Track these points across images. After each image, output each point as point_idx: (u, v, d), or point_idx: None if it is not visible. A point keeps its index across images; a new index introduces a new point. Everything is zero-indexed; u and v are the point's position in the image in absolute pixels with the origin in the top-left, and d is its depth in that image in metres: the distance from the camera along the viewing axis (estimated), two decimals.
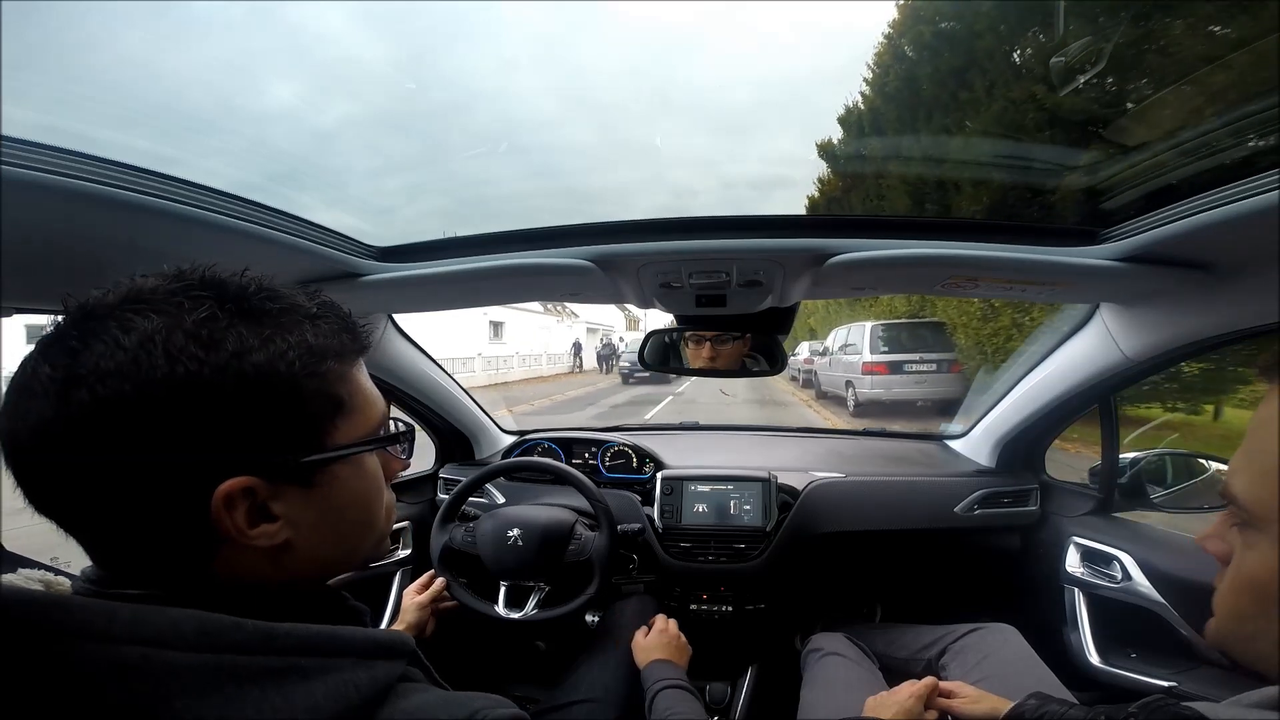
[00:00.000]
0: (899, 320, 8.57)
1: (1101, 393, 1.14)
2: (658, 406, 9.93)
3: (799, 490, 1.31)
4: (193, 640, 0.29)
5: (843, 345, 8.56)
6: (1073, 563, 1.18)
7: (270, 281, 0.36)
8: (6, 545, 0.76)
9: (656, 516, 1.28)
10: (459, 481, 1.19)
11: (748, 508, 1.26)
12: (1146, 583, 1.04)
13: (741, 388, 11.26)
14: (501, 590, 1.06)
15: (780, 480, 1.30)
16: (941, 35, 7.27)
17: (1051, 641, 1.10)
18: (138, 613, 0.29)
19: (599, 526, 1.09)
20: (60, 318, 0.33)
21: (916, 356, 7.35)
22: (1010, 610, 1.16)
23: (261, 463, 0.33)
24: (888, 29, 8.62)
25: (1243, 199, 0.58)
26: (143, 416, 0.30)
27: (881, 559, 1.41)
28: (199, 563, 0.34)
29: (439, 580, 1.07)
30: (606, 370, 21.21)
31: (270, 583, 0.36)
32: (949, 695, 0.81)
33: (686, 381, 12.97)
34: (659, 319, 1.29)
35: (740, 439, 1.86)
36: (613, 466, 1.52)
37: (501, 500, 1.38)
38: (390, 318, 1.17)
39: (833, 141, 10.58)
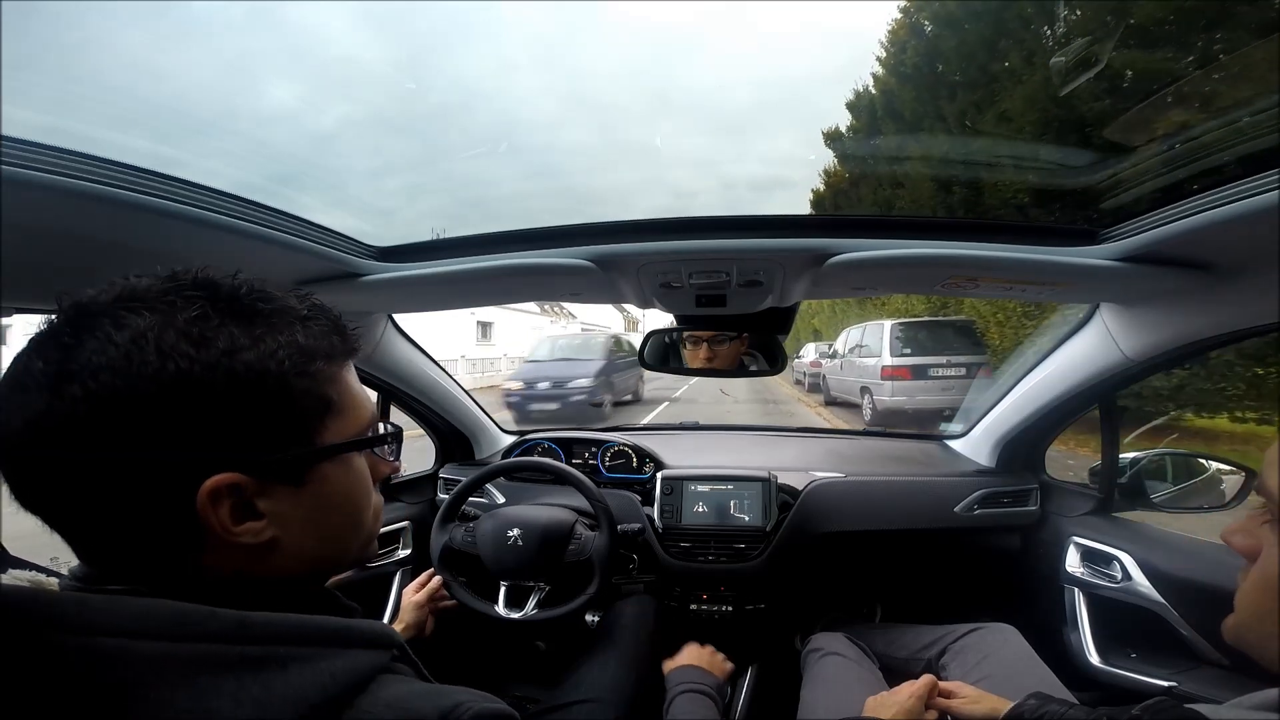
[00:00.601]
0: (921, 319, 7.62)
1: (1101, 393, 1.14)
2: (653, 413, 9.34)
3: (799, 490, 1.31)
4: (167, 629, 0.29)
5: (855, 347, 7.81)
6: (1073, 563, 1.18)
7: (263, 283, 0.37)
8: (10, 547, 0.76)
9: (656, 516, 1.28)
10: (459, 481, 1.19)
11: (748, 508, 1.26)
12: (1146, 583, 1.04)
13: (742, 388, 11.17)
14: (501, 590, 1.06)
15: (780, 480, 1.30)
16: (968, 4, 6.77)
17: (1051, 641, 1.10)
18: (112, 603, 0.29)
19: (599, 526, 1.09)
20: (54, 315, 0.33)
21: (943, 359, 6.44)
22: (1010, 610, 1.16)
23: (249, 460, 0.33)
24: (904, 2, 8.15)
25: (1243, 199, 0.58)
26: (133, 411, 0.30)
27: (881, 559, 1.41)
28: (184, 559, 0.34)
29: (436, 579, 1.08)
30: None
31: (256, 581, 0.35)
32: (949, 695, 0.81)
33: (684, 386, 12.87)
34: (657, 320, 1.29)
35: (740, 439, 1.86)
36: (613, 466, 1.52)
37: (501, 500, 1.38)
38: (390, 318, 1.17)
39: (840, 130, 10.11)
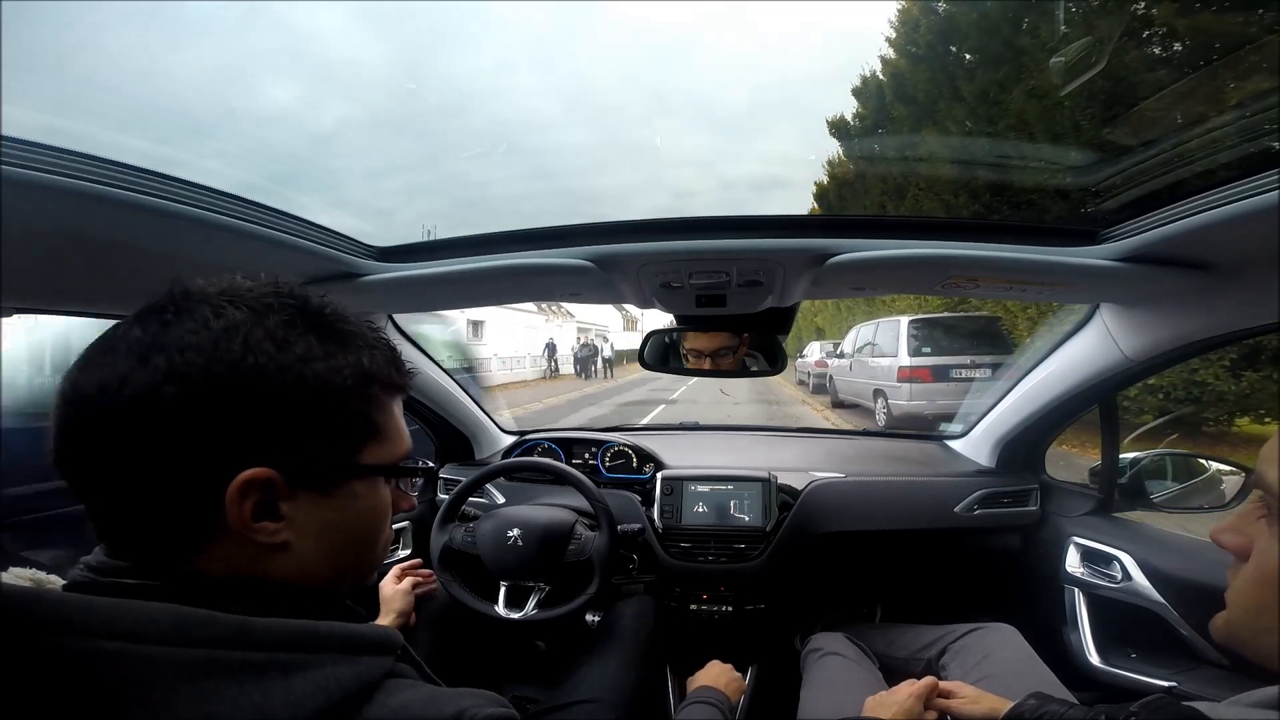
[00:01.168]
0: (940, 315, 7.01)
1: (1101, 393, 1.14)
2: (649, 415, 9.09)
3: (799, 490, 1.31)
4: (168, 633, 0.29)
5: (866, 345, 7.29)
6: (1073, 563, 1.18)
7: (342, 307, 0.40)
8: None
9: (656, 516, 1.28)
10: (459, 481, 1.19)
11: (748, 508, 1.26)
12: (1146, 583, 1.04)
13: (743, 389, 11.13)
14: (501, 590, 1.06)
15: (780, 480, 1.30)
16: None
17: (1051, 641, 1.10)
18: (116, 606, 0.29)
19: (599, 526, 1.09)
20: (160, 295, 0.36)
21: (967, 359, 5.89)
22: (1010, 610, 1.16)
23: (290, 460, 0.35)
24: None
25: (1243, 199, 0.58)
26: (204, 392, 0.32)
27: (881, 559, 1.41)
28: (191, 545, 0.34)
29: (416, 563, 1.10)
30: (586, 376, 18.97)
31: (258, 581, 0.35)
32: (948, 695, 0.81)
33: (681, 387, 12.83)
34: (657, 320, 1.29)
35: (740, 439, 1.86)
36: (613, 467, 1.52)
37: (501, 500, 1.38)
38: (390, 318, 1.17)
39: (845, 118, 9.63)
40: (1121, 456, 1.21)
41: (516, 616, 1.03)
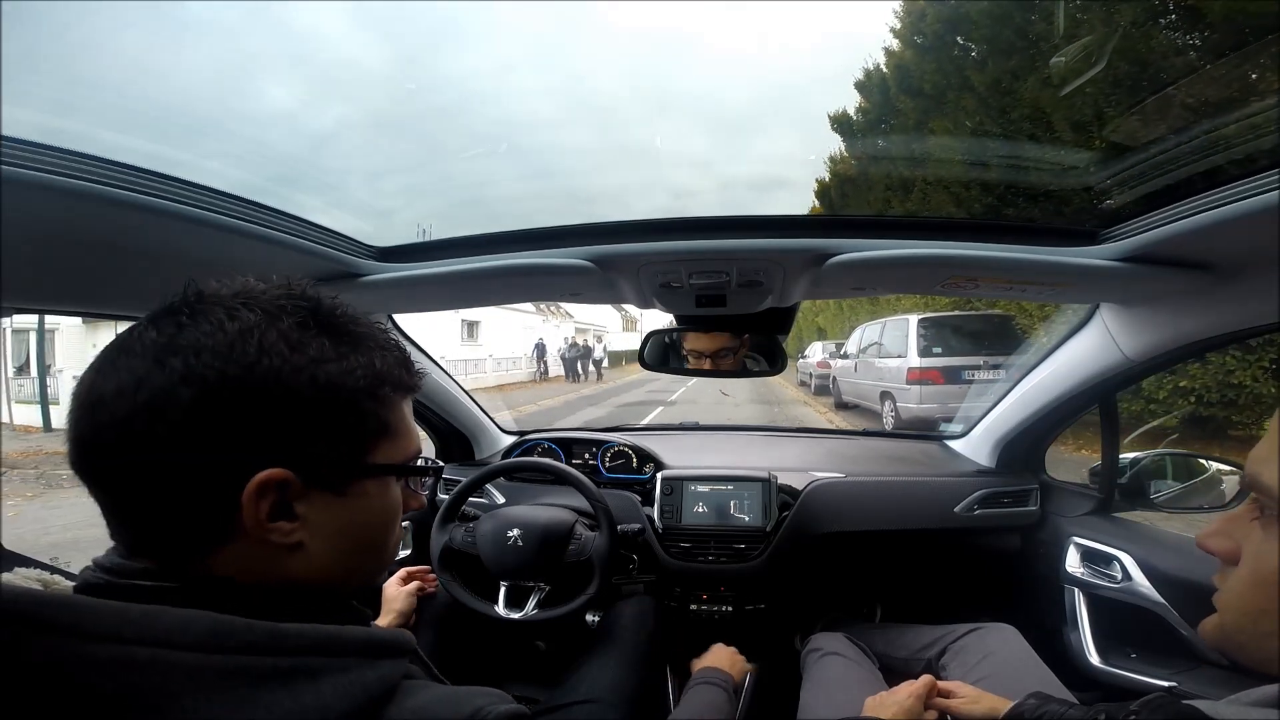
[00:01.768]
0: (950, 314, 6.65)
1: (1101, 393, 1.14)
2: (648, 417, 8.89)
3: (799, 490, 1.31)
4: (202, 640, 0.29)
5: (871, 345, 7.07)
6: (1073, 563, 1.18)
7: (354, 309, 0.40)
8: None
9: (656, 517, 1.28)
10: (459, 481, 1.19)
11: (748, 508, 1.26)
12: (1146, 583, 1.04)
13: (743, 390, 11.10)
14: (501, 590, 1.06)
15: (780, 480, 1.30)
16: None
17: (1051, 641, 1.10)
18: (148, 613, 0.29)
19: (599, 527, 1.09)
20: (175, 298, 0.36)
21: (979, 360, 5.61)
22: (1010, 610, 1.16)
23: (304, 461, 0.35)
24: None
25: (1243, 199, 0.58)
26: (219, 394, 0.33)
27: (881, 559, 1.41)
28: (204, 552, 0.34)
29: (420, 568, 1.09)
30: (575, 378, 17.70)
31: (274, 583, 0.36)
32: (948, 695, 0.81)
33: (681, 388, 12.81)
34: (656, 320, 1.29)
35: (740, 439, 1.86)
36: (613, 467, 1.52)
37: (501, 500, 1.38)
38: (390, 318, 1.17)
39: (847, 113, 9.26)
40: (1121, 456, 1.21)
41: (516, 616, 1.03)
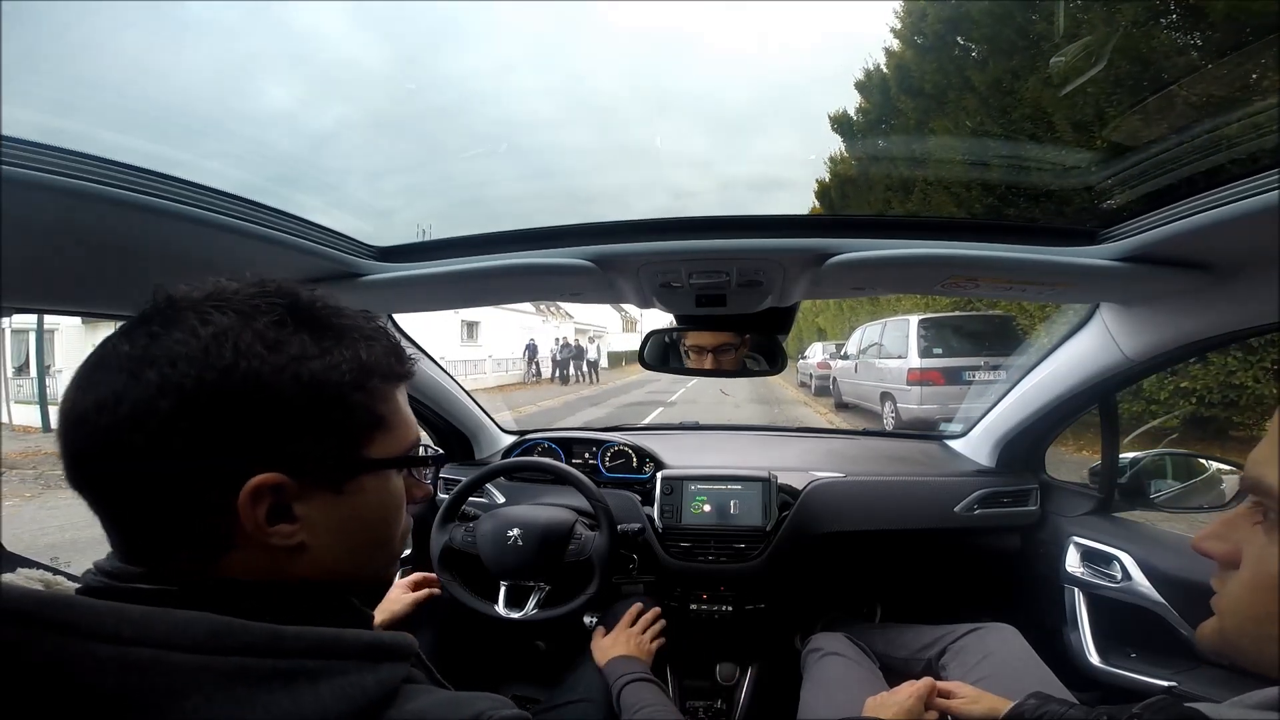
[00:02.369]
0: (951, 314, 6.71)
1: (1101, 393, 1.14)
2: (647, 418, 8.82)
3: (799, 490, 1.31)
4: (203, 642, 0.29)
5: (871, 346, 7.08)
6: (1073, 563, 1.18)
7: (335, 300, 0.39)
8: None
9: (656, 516, 1.28)
10: (459, 481, 1.19)
11: (748, 508, 1.26)
12: (1146, 583, 1.04)
13: (743, 390, 11.09)
14: (501, 590, 1.06)
15: (780, 480, 1.30)
16: None
17: (1051, 641, 1.10)
18: (148, 614, 0.29)
19: (599, 526, 1.09)
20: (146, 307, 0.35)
21: (980, 361, 5.63)
22: (1010, 610, 1.16)
23: (296, 462, 0.34)
24: None
25: (1243, 199, 0.58)
26: (200, 402, 0.32)
27: (881, 559, 1.41)
28: (211, 553, 0.34)
29: (426, 575, 1.08)
30: (567, 380, 16.83)
31: (275, 585, 0.36)
32: (948, 695, 0.81)
33: (680, 389, 12.80)
34: (656, 320, 1.29)
35: (740, 439, 1.86)
36: (613, 466, 1.52)
37: (501, 500, 1.38)
38: (390, 318, 1.17)
39: (847, 113, 9.26)
40: (1121, 456, 1.21)
41: (516, 616, 1.03)
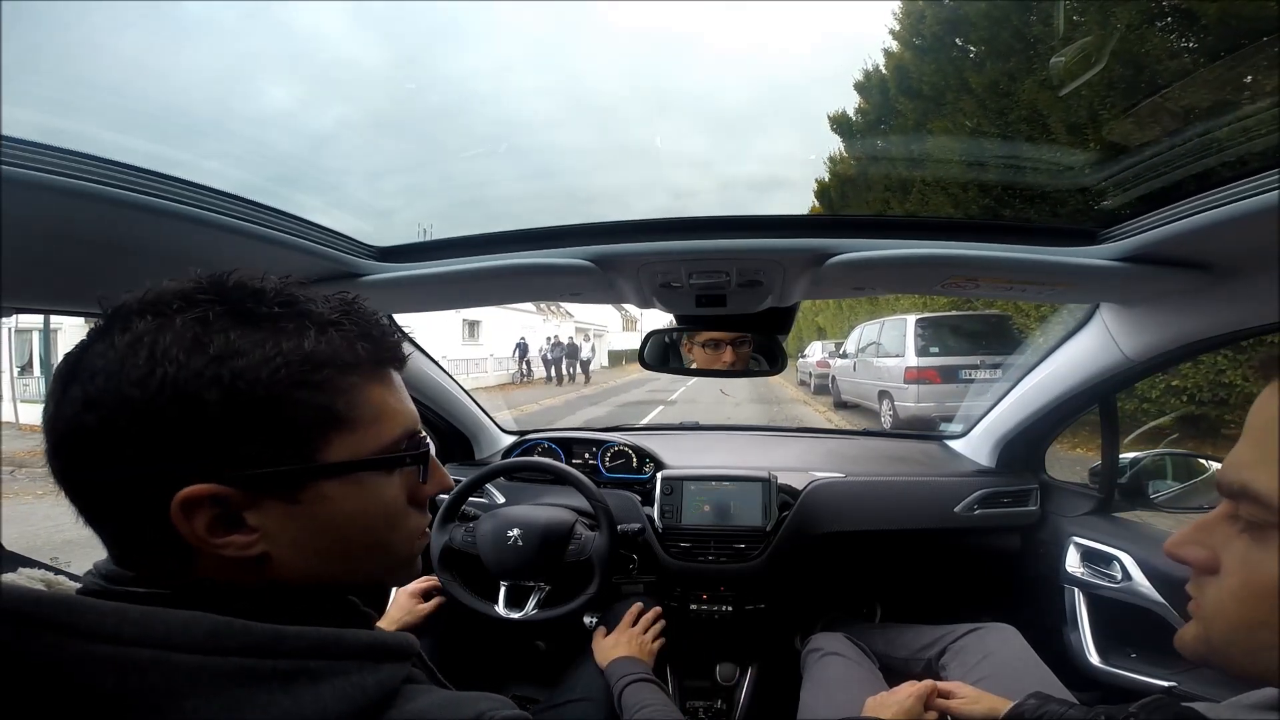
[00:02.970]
0: (948, 314, 6.80)
1: (1102, 393, 1.14)
2: (647, 417, 9.02)
3: (799, 490, 1.31)
4: (203, 642, 0.29)
5: (870, 345, 7.13)
6: (1073, 563, 1.18)
7: (292, 286, 0.36)
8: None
9: (656, 516, 1.28)
10: (459, 481, 1.19)
11: (748, 508, 1.26)
12: (1146, 583, 1.04)
13: (743, 390, 11.10)
14: (501, 590, 1.06)
15: (780, 480, 1.30)
16: None
17: (1051, 641, 1.10)
18: (148, 614, 0.29)
19: (599, 526, 1.09)
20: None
21: (976, 359, 5.68)
22: (1010, 610, 1.16)
23: (235, 471, 0.32)
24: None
25: (1243, 199, 0.58)
26: (119, 417, 0.30)
27: (881, 559, 1.41)
28: (182, 563, 0.34)
29: (438, 586, 1.09)
30: (559, 380, 16.29)
31: (269, 586, 0.35)
32: (948, 695, 0.81)
33: (680, 388, 12.82)
34: (656, 320, 1.29)
35: (740, 439, 1.86)
36: (613, 466, 1.52)
37: (501, 500, 1.38)
38: (390, 318, 1.17)
39: (847, 114, 9.33)
40: (1121, 456, 1.21)
41: (516, 616, 1.03)
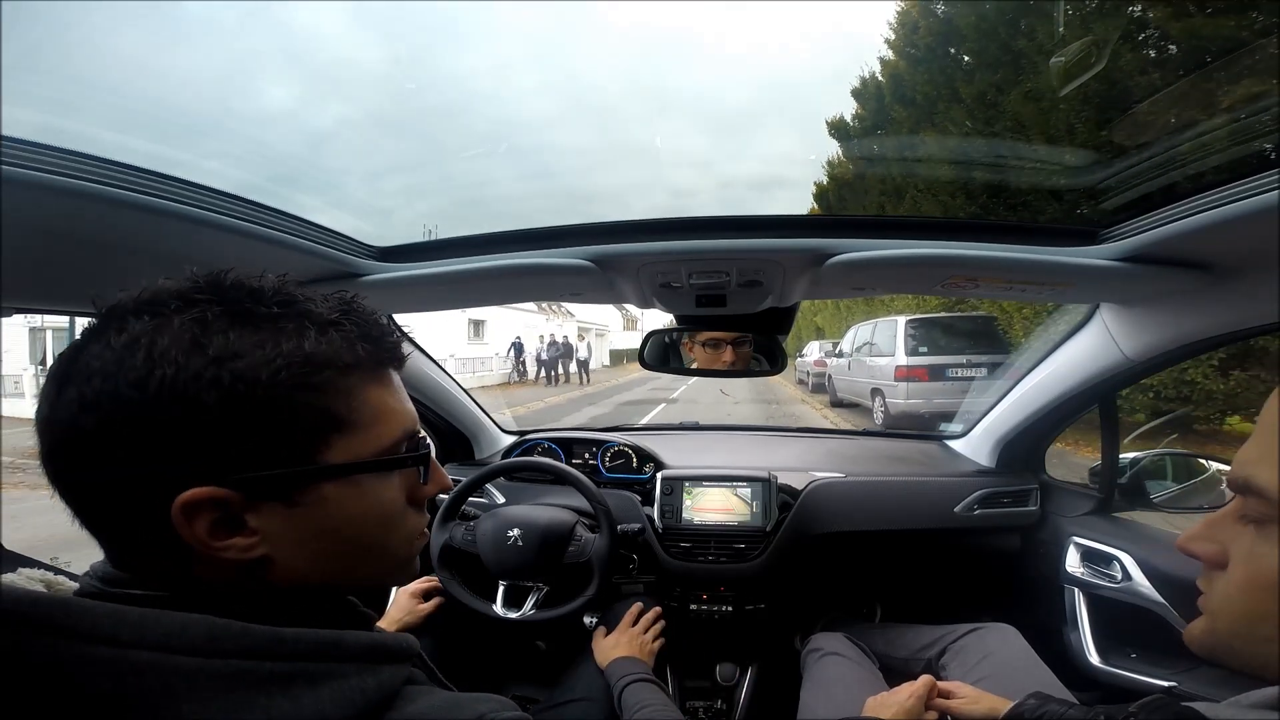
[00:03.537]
0: (937, 315, 7.16)
1: (1102, 393, 1.14)
2: (650, 414, 9.26)
3: (799, 490, 1.31)
4: (201, 645, 0.29)
5: (864, 345, 7.43)
6: (1073, 563, 1.18)
7: (290, 285, 0.35)
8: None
9: (656, 516, 1.28)
10: (459, 481, 1.19)
11: (748, 508, 1.26)
12: (1146, 583, 1.04)
13: (743, 389, 11.14)
14: (500, 590, 1.06)
15: (780, 480, 1.30)
16: None
17: (1051, 641, 1.10)
18: (145, 616, 0.29)
19: (599, 527, 1.09)
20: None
21: (963, 359, 6.01)
22: (1010, 610, 1.16)
23: (235, 474, 0.32)
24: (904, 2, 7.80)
25: (1243, 199, 0.58)
26: (117, 419, 0.30)
27: (881, 559, 1.41)
28: (181, 566, 0.33)
29: (438, 586, 1.09)
30: (553, 381, 16.02)
31: (267, 588, 0.35)
32: (948, 695, 0.81)
33: (682, 386, 12.85)
34: (657, 320, 1.30)
35: (740, 439, 1.86)
36: (613, 467, 1.52)
37: (501, 500, 1.38)
38: (390, 318, 1.17)
39: (844, 119, 9.65)
40: (1121, 456, 1.21)
41: (514, 616, 1.03)
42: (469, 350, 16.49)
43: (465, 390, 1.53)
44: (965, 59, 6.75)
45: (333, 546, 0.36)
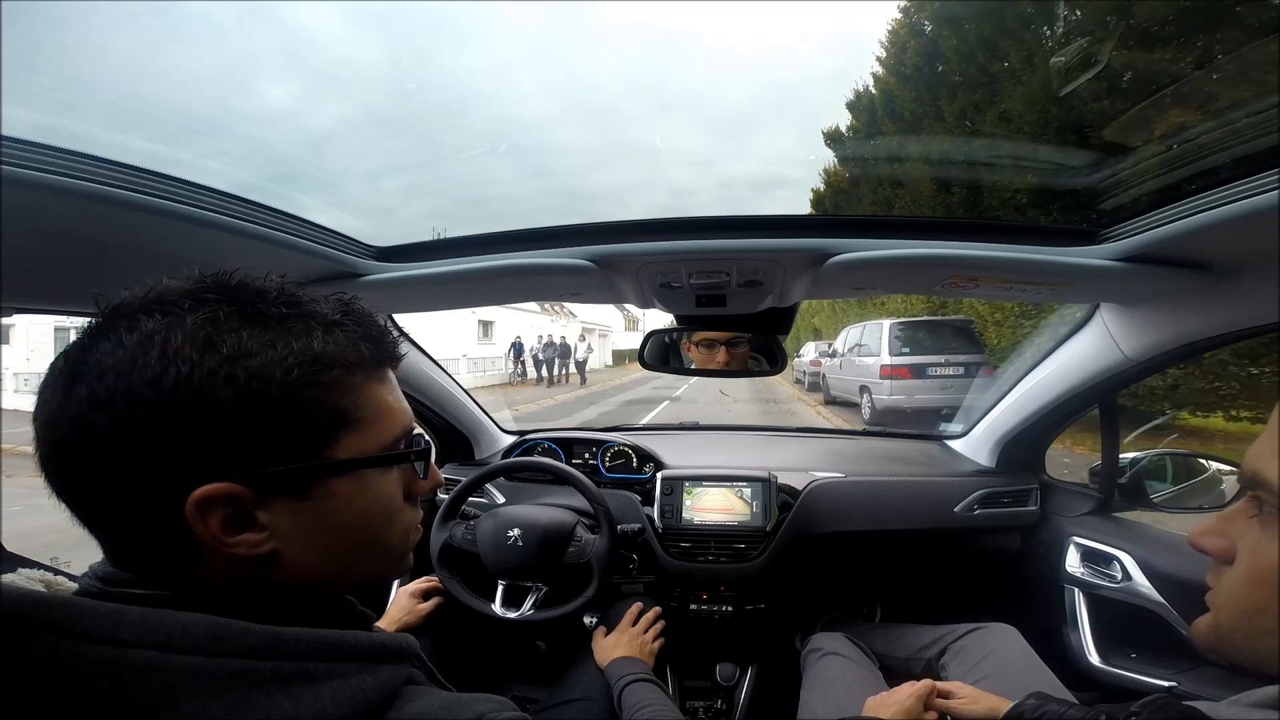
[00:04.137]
0: (920, 318, 7.79)
1: (1101, 393, 1.14)
2: (653, 412, 9.43)
3: (799, 490, 1.31)
4: (202, 644, 0.29)
5: (855, 346, 7.96)
6: (1073, 563, 1.18)
7: (293, 286, 0.36)
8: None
9: (656, 516, 1.28)
10: (459, 481, 1.19)
11: (748, 508, 1.26)
12: (1146, 583, 1.04)
13: (742, 388, 11.17)
14: (499, 589, 1.06)
15: (780, 480, 1.30)
16: (969, 4, 6.81)
17: (1051, 641, 1.10)
18: (146, 616, 0.29)
19: (599, 527, 1.09)
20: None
21: (942, 359, 6.60)
22: (1010, 610, 1.16)
23: (248, 470, 0.32)
24: (903, 2, 8.21)
25: (1243, 199, 0.58)
26: (131, 416, 0.30)
27: (881, 559, 1.41)
28: (182, 565, 0.33)
29: (438, 586, 1.09)
30: (551, 381, 15.89)
31: (263, 590, 0.35)
32: (948, 695, 0.81)
33: (683, 385, 12.88)
34: (657, 320, 1.30)
35: (740, 439, 1.86)
36: (613, 467, 1.52)
37: (501, 500, 1.38)
38: (390, 318, 1.17)
39: (839, 130, 10.09)
40: (1121, 456, 1.21)
41: (513, 616, 1.03)
42: (478, 350, 16.77)
43: (465, 390, 1.53)
44: (948, 79, 7.21)
45: (337, 541, 0.37)
